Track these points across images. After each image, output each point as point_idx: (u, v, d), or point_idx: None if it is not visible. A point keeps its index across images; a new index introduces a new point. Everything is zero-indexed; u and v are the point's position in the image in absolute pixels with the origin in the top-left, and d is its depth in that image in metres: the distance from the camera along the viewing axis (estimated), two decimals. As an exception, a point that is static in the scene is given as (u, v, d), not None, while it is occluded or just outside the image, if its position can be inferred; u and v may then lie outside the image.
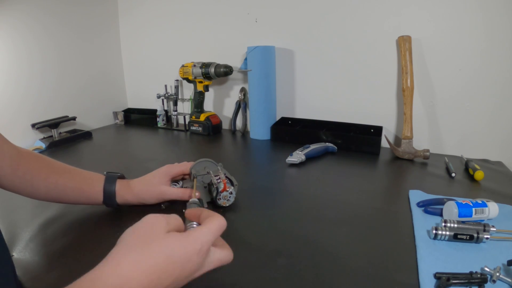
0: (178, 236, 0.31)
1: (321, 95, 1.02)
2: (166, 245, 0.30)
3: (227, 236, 0.50)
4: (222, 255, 0.34)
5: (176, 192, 0.58)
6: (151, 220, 0.32)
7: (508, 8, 0.74)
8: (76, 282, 0.27)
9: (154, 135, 1.17)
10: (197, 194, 0.54)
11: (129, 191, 0.56)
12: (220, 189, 0.56)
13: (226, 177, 0.60)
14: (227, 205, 0.58)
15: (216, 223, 0.33)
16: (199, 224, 0.36)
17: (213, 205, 0.59)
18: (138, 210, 0.57)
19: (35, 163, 0.51)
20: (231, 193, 0.57)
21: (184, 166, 0.61)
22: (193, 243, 0.30)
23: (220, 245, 0.36)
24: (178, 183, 0.63)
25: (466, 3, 0.78)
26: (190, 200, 0.49)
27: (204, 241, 0.31)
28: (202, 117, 1.12)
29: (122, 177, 0.58)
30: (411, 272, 0.41)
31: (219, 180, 0.58)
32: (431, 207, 0.55)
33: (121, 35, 1.39)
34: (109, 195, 0.54)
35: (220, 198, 0.57)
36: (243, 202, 0.61)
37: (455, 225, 0.47)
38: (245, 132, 1.14)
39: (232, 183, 0.60)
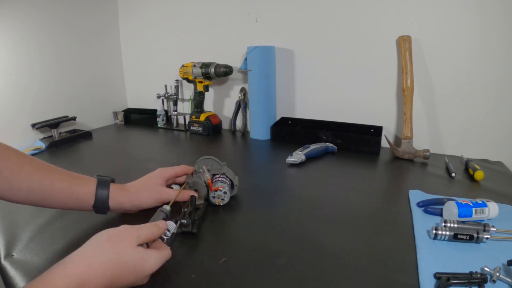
0: (141, 253, 0.38)
1: (321, 95, 1.02)
2: (130, 254, 0.37)
3: (227, 235, 0.51)
4: (163, 255, 0.40)
5: (174, 193, 0.57)
6: (126, 230, 0.39)
7: (506, 9, 0.74)
8: (49, 270, 0.33)
9: (154, 135, 1.17)
10: (191, 194, 0.57)
11: (124, 193, 0.53)
12: (209, 188, 0.58)
13: (227, 176, 0.61)
14: (221, 204, 0.59)
15: (165, 255, 0.41)
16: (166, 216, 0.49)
17: (208, 202, 0.60)
18: (140, 213, 0.56)
19: (15, 159, 0.45)
20: (225, 193, 0.58)
21: (178, 169, 0.61)
22: (149, 265, 0.38)
23: (158, 247, 0.42)
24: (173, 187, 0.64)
25: (466, 3, 0.78)
26: (162, 207, 0.51)
27: (155, 267, 0.39)
28: (202, 117, 1.12)
29: (113, 181, 0.54)
30: (411, 272, 0.41)
31: (216, 179, 0.59)
32: (431, 207, 0.55)
33: (121, 35, 1.39)
34: (101, 198, 0.50)
35: (214, 197, 0.58)
36: (243, 202, 0.61)
37: (455, 225, 0.47)
38: (245, 132, 1.14)
39: (232, 184, 0.60)
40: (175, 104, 1.23)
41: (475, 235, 0.45)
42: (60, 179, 0.48)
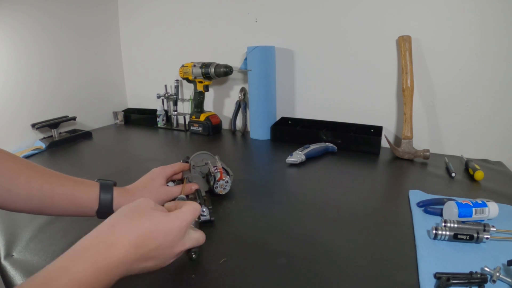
0: (163, 212, 0.38)
1: (321, 95, 1.02)
2: (153, 215, 0.37)
3: (227, 235, 0.51)
4: (198, 235, 0.42)
5: (177, 190, 0.58)
6: (142, 200, 0.39)
7: (506, 9, 0.74)
8: (80, 241, 0.34)
9: (154, 135, 1.17)
10: (194, 186, 0.58)
11: (128, 197, 0.51)
12: (217, 178, 0.60)
13: (223, 167, 0.63)
14: (224, 193, 0.62)
15: (192, 207, 0.40)
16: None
17: (211, 194, 0.62)
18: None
19: (12, 164, 0.42)
20: (227, 182, 0.61)
21: (176, 166, 0.62)
22: (175, 218, 0.38)
23: (195, 229, 0.43)
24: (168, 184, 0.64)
25: (466, 3, 0.78)
26: (178, 197, 0.53)
27: (184, 219, 0.38)
28: (202, 117, 1.12)
29: (115, 185, 0.52)
30: (411, 272, 0.41)
31: (216, 170, 0.62)
32: (431, 207, 0.55)
33: (121, 34, 1.39)
34: (105, 203, 0.48)
35: (217, 187, 0.61)
36: (243, 201, 0.62)
37: (455, 225, 0.47)
38: (245, 132, 1.14)
39: (228, 173, 0.63)
40: (175, 104, 1.23)
41: (475, 235, 0.45)
42: (61, 184, 0.45)
